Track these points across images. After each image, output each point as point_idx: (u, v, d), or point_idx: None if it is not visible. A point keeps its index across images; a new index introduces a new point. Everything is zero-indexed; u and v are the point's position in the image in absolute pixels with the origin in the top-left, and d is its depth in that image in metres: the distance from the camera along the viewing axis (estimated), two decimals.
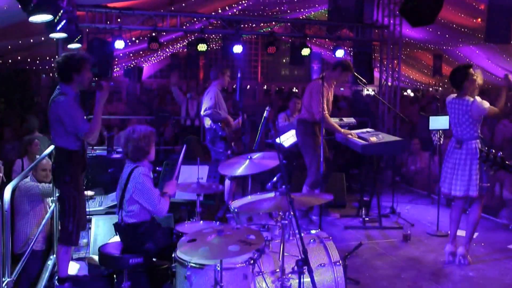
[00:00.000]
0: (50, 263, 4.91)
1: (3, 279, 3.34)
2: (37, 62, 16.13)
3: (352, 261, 5.14)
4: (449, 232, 6.40)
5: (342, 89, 24.18)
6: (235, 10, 15.38)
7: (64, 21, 6.79)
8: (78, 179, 4.43)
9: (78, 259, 5.10)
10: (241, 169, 4.05)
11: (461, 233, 6.38)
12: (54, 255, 4.78)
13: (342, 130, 6.43)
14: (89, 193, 5.45)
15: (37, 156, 5.82)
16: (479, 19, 13.03)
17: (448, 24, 13.59)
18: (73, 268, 4.84)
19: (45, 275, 4.65)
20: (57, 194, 4.85)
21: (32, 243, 4.55)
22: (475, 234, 6.30)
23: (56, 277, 4.50)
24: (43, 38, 10.82)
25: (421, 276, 5.10)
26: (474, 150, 5.19)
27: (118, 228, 4.11)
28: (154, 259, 4.09)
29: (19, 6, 5.83)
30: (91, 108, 4.37)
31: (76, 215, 4.40)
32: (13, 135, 9.24)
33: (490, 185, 7.72)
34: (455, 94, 5.36)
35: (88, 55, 4.56)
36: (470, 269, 5.24)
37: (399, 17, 10.07)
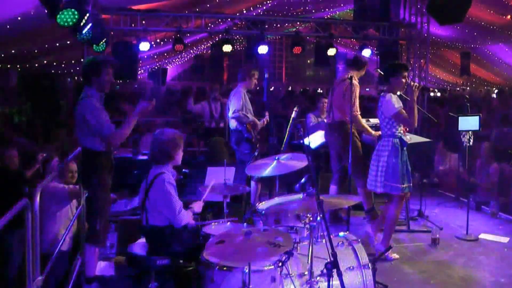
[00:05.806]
0: (77, 263, 4.93)
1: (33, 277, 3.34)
2: (63, 66, 16.37)
3: (380, 264, 5.04)
4: (479, 236, 6.24)
5: (367, 89, 23.93)
6: (259, 11, 15.38)
7: (90, 24, 6.87)
8: (106, 180, 4.45)
9: (105, 259, 5.13)
10: (268, 170, 4.00)
11: (488, 236, 6.24)
12: (81, 255, 4.81)
13: (373, 132, 6.32)
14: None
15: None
16: (509, 16, 12.75)
17: (476, 22, 13.32)
18: (100, 268, 4.86)
19: (72, 275, 4.67)
20: (85, 195, 4.88)
21: (60, 244, 4.57)
22: (507, 239, 6.14)
23: (84, 277, 4.52)
24: (68, 42, 10.98)
25: (450, 282, 4.96)
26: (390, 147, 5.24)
27: (144, 230, 4.09)
28: (181, 261, 4.06)
29: (46, 11, 5.94)
30: (113, 111, 4.42)
31: (104, 216, 4.44)
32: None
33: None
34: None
35: (109, 58, 4.62)
36: (501, 275, 5.07)
37: (426, 15, 9.90)
